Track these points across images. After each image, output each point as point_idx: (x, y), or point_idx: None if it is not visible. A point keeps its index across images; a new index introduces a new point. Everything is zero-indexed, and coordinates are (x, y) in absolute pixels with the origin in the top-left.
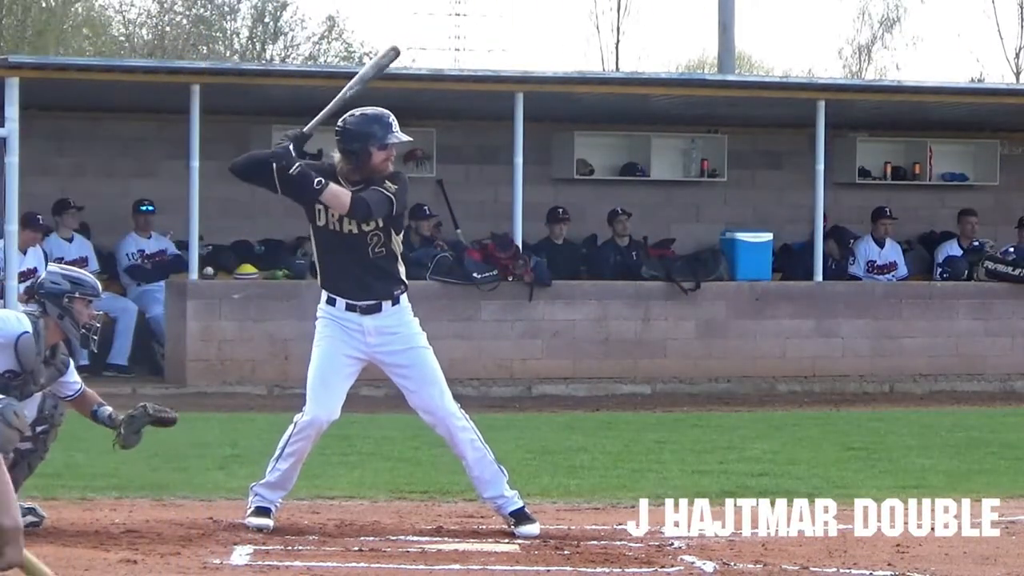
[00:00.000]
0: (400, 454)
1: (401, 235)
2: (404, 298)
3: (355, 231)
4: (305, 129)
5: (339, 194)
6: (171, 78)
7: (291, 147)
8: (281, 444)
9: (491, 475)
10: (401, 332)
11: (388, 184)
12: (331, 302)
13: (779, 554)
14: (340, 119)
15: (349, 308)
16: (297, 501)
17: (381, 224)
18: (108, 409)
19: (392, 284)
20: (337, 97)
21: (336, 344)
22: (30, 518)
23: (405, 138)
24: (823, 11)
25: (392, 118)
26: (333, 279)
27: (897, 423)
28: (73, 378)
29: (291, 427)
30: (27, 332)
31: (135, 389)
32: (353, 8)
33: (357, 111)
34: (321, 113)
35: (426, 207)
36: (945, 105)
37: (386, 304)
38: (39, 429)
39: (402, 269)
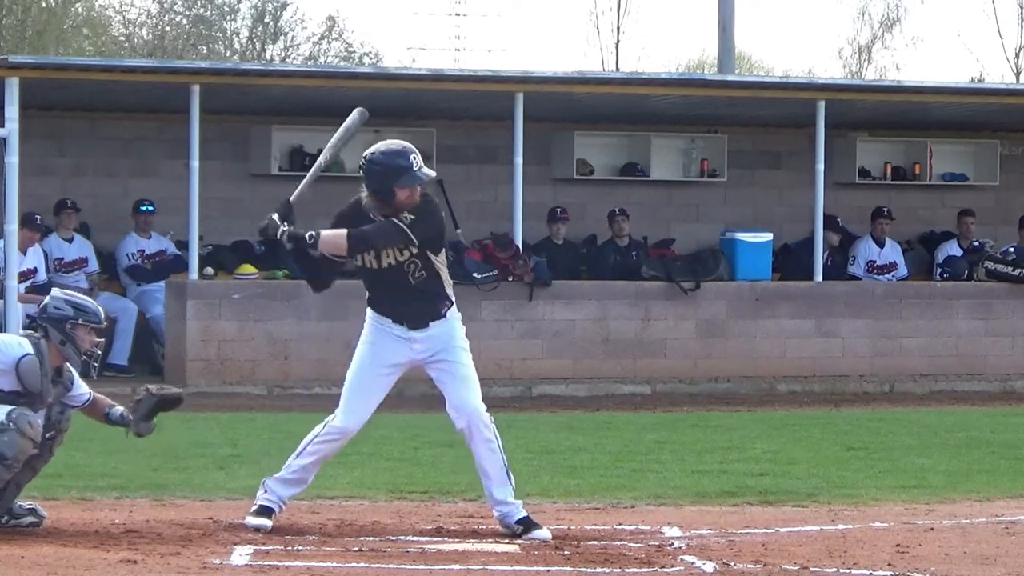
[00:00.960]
0: (400, 454)
1: (442, 253)
2: (452, 311)
3: (392, 263)
4: (292, 198)
5: (334, 238)
6: (171, 78)
7: (276, 217)
8: (306, 442)
9: (501, 480)
10: (444, 337)
11: (406, 215)
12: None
13: (779, 554)
14: (364, 157)
15: (396, 322)
16: (297, 501)
17: (415, 251)
18: (120, 408)
19: (438, 303)
20: (315, 166)
21: (379, 353)
22: (31, 518)
23: (430, 175)
24: (823, 11)
25: (415, 155)
26: (380, 305)
27: (897, 423)
28: (82, 389)
29: (320, 427)
30: (28, 354)
31: (135, 389)
32: (353, 8)
33: (379, 149)
34: (303, 182)
35: None
36: (945, 105)
37: (433, 322)
38: (47, 435)
39: (448, 284)
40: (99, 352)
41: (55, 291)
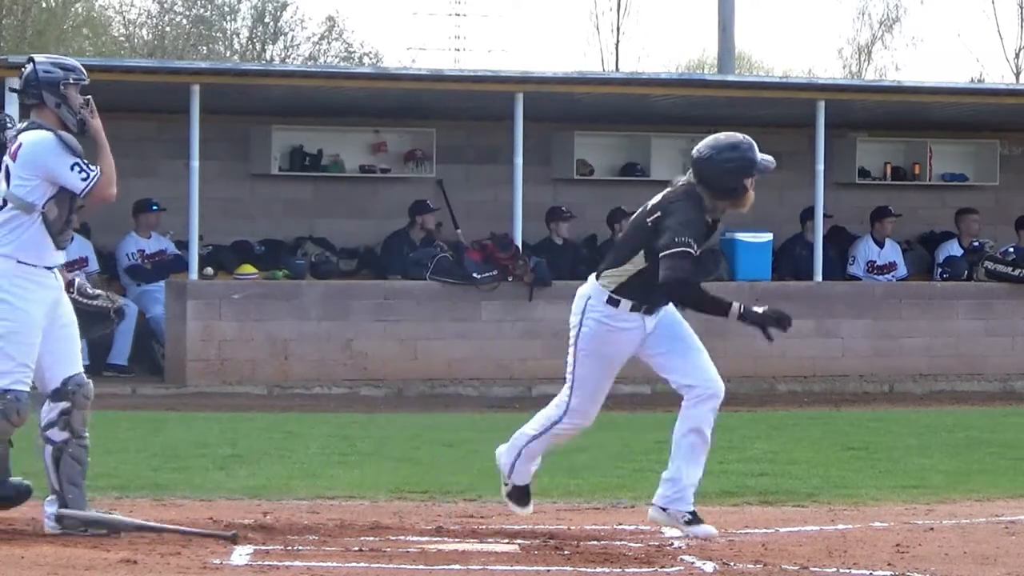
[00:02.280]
0: (400, 454)
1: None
2: None
3: None
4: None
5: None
6: (171, 78)
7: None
8: (541, 444)
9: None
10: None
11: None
12: (614, 303)
13: (779, 554)
14: (704, 154)
15: (634, 309)
16: (297, 501)
17: None
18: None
19: None
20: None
21: (620, 351)
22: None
23: (770, 161)
24: (823, 11)
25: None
26: (649, 296)
27: (897, 423)
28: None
29: (552, 424)
30: (54, 133)
31: (135, 389)
32: (353, 8)
33: (723, 145)
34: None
35: (428, 201)
36: (945, 105)
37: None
38: (61, 407)
39: None
40: (88, 109)
41: (39, 57)
